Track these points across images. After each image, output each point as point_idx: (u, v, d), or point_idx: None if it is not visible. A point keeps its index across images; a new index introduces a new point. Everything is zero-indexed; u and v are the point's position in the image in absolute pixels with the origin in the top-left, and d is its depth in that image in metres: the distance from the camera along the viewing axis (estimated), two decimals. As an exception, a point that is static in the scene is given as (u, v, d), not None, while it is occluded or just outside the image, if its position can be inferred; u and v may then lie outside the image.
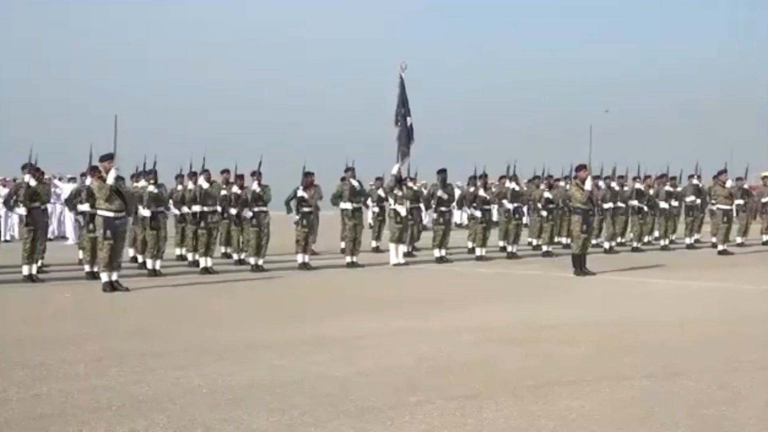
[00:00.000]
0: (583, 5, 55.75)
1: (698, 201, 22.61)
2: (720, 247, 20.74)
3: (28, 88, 44.41)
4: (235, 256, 17.92)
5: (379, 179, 20.92)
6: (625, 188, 21.99)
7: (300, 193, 16.88)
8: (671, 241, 22.52)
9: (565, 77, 50.70)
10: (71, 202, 15.70)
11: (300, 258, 16.87)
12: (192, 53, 46.88)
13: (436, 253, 18.68)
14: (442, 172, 19.31)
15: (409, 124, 18.22)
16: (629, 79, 49.98)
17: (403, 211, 18.09)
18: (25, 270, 14.54)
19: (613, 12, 55.88)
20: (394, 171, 18.35)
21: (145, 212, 15.72)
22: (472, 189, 19.66)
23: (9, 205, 15.55)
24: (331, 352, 8.52)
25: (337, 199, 17.95)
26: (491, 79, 49.84)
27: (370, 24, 51.09)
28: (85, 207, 14.52)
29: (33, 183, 14.70)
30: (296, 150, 17.81)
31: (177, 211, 17.12)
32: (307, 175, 17.07)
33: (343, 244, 18.40)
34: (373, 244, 20.79)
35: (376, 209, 21.03)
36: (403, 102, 18.23)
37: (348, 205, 17.80)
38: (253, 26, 50.91)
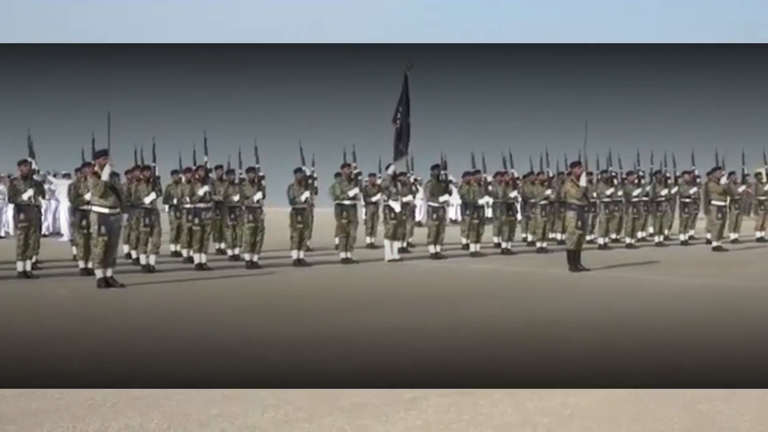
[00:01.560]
0: (583, 5, 55.58)
1: (693, 190, 22.53)
2: (714, 244, 20.78)
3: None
4: (230, 252, 17.93)
5: (372, 175, 20.89)
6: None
7: (305, 195, 16.90)
8: (666, 238, 22.54)
9: (565, 77, 50.51)
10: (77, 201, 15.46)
11: (294, 254, 16.88)
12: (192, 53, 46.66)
13: (431, 249, 18.70)
14: (435, 168, 19.33)
15: (407, 123, 18.18)
16: (629, 79, 49.76)
17: (397, 207, 18.10)
18: (20, 266, 14.52)
19: (613, 12, 55.73)
20: (390, 170, 18.38)
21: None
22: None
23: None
24: (327, 349, 8.53)
25: (341, 195, 17.89)
26: (491, 78, 49.65)
27: (371, 24, 50.95)
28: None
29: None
30: (294, 149, 17.77)
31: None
32: (299, 172, 17.15)
33: (337, 240, 18.40)
34: (368, 240, 20.80)
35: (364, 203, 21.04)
36: (405, 101, 18.19)
37: (345, 201, 17.86)
38: (253, 26, 50.72)
